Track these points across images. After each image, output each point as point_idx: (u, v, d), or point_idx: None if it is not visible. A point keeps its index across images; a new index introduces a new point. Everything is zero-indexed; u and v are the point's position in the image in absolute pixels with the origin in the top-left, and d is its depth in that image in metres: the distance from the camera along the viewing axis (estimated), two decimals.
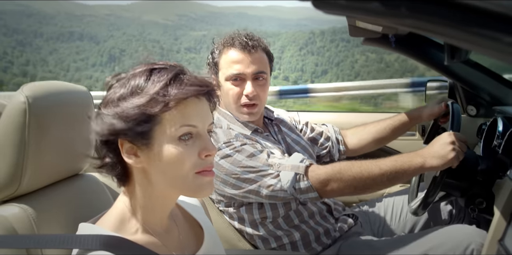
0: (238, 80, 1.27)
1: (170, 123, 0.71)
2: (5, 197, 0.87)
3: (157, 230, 0.78)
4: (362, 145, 1.58)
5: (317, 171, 1.16)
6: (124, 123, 0.70)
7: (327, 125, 1.63)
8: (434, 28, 0.45)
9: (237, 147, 1.21)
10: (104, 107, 0.74)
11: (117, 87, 0.74)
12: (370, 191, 1.19)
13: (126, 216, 0.76)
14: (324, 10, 0.45)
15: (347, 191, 1.17)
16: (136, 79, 0.73)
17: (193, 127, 0.73)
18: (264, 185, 1.18)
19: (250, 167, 1.19)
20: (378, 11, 0.43)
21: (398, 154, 1.16)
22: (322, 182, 1.15)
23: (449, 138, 1.11)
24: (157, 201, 0.77)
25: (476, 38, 0.44)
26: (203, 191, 0.76)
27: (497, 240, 1.01)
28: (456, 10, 0.41)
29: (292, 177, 1.16)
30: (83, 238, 0.70)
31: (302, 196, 1.17)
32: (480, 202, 1.19)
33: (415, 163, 1.11)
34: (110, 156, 0.74)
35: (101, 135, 0.72)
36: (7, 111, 0.84)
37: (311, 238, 1.32)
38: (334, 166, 1.16)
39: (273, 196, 1.18)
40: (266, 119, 1.45)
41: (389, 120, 1.55)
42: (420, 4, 0.42)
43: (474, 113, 1.81)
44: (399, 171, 1.12)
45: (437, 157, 1.10)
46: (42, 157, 0.88)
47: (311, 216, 1.34)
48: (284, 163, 1.18)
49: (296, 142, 1.44)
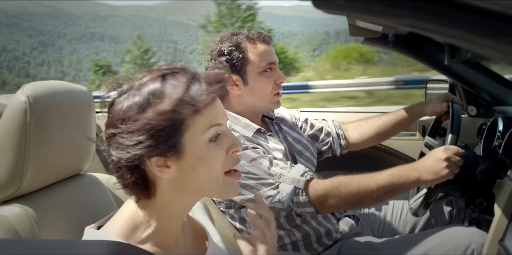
0: (270, 70, 1.30)
1: (199, 126, 0.67)
2: (6, 197, 0.87)
3: (167, 241, 0.73)
4: (364, 139, 1.57)
5: (316, 187, 1.17)
6: (153, 137, 0.64)
7: (327, 120, 1.62)
8: (434, 28, 0.45)
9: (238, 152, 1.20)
10: (115, 127, 0.66)
11: (124, 101, 0.67)
12: (366, 206, 1.21)
13: (138, 224, 0.71)
14: (324, 9, 0.45)
15: (344, 206, 1.19)
16: (149, 86, 0.66)
17: (219, 125, 0.70)
18: (264, 195, 1.18)
19: (252, 173, 1.18)
20: (378, 10, 0.43)
21: (395, 168, 1.16)
22: (320, 198, 1.16)
23: (444, 154, 1.11)
24: (178, 209, 0.74)
25: (476, 37, 0.44)
26: (231, 192, 0.75)
27: (498, 241, 1.01)
28: (456, 10, 0.41)
29: (291, 191, 1.16)
30: (90, 244, 0.66)
31: (299, 209, 1.18)
32: (481, 203, 1.19)
33: (411, 177, 1.12)
34: (134, 175, 0.68)
35: (127, 159, 0.65)
36: (8, 111, 0.84)
37: (312, 238, 1.32)
38: (333, 182, 1.17)
39: (271, 207, 1.19)
40: (267, 118, 1.45)
41: (391, 115, 1.55)
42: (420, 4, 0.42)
43: (474, 113, 1.81)
44: (396, 185, 1.13)
45: (431, 173, 1.11)
46: (43, 157, 0.88)
47: (313, 216, 1.34)
48: (285, 174, 1.18)
49: (297, 141, 1.44)
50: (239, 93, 1.30)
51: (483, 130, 1.56)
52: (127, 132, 0.65)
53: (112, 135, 0.66)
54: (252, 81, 1.29)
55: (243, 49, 1.28)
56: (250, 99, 1.32)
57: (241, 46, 1.28)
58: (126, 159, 0.65)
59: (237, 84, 1.29)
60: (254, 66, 1.28)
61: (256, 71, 1.29)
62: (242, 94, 1.30)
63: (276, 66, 1.32)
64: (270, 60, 1.30)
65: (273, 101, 1.34)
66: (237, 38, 1.29)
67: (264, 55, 1.29)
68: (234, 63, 1.27)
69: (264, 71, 1.29)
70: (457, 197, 1.27)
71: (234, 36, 1.30)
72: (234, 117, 1.32)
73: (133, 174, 0.68)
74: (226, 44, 1.28)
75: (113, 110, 0.68)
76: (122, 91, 0.69)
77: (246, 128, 1.30)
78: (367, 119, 1.59)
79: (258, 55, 1.28)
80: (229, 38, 1.30)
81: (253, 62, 1.28)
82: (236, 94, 1.31)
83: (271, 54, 1.31)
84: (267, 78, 1.30)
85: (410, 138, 1.95)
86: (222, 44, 1.29)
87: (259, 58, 1.28)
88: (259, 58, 1.28)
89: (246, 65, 1.28)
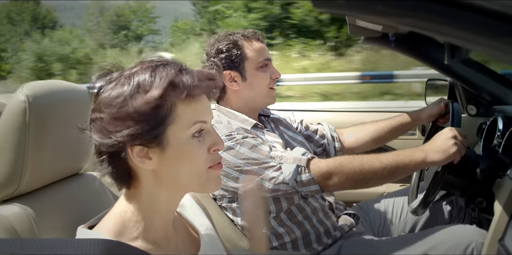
0: (266, 66, 1.36)
1: (184, 120, 0.68)
2: (5, 196, 0.87)
3: (158, 237, 0.74)
4: (359, 144, 1.59)
5: (319, 164, 1.18)
6: (137, 125, 0.65)
7: (322, 123, 1.64)
8: (435, 27, 0.45)
9: (238, 140, 1.22)
10: (100, 111, 0.67)
11: (113, 88, 0.67)
12: (370, 185, 1.20)
13: (127, 221, 0.71)
14: (324, 9, 0.45)
15: (348, 184, 1.18)
16: (139, 75, 0.67)
17: (204, 123, 0.71)
18: (267, 178, 1.19)
19: (253, 159, 1.20)
20: (379, 10, 0.43)
21: (400, 149, 1.16)
22: (324, 175, 1.16)
23: (451, 132, 1.12)
24: (163, 204, 0.74)
25: (476, 37, 0.44)
26: (213, 186, 0.75)
27: (497, 240, 1.01)
28: (457, 9, 0.41)
29: (294, 170, 1.17)
30: (82, 243, 0.65)
31: (303, 188, 1.18)
32: (480, 202, 1.19)
33: (417, 157, 1.12)
34: (116, 163, 0.68)
35: (108, 145, 0.66)
36: (7, 110, 0.84)
37: (311, 237, 1.32)
38: (335, 159, 1.18)
39: (276, 189, 1.19)
40: (263, 117, 1.47)
41: (389, 120, 1.56)
42: (421, 3, 0.42)
43: (474, 112, 1.81)
44: (400, 165, 1.12)
45: (439, 152, 1.10)
46: (42, 156, 0.88)
47: (314, 212, 1.34)
48: (286, 155, 1.20)
49: (293, 138, 1.45)
50: (237, 89, 1.34)
51: (483, 130, 1.56)
52: (112, 118, 0.65)
53: (97, 119, 0.67)
54: (250, 76, 1.34)
55: (240, 47, 1.33)
56: (248, 94, 1.36)
57: (238, 43, 1.33)
58: (107, 145, 0.66)
59: (236, 80, 1.34)
60: (251, 62, 1.34)
61: (254, 67, 1.34)
62: (240, 89, 1.35)
63: (271, 62, 1.38)
64: (266, 56, 1.36)
65: (269, 95, 1.39)
66: (233, 37, 1.34)
67: (260, 52, 1.35)
68: (232, 60, 1.32)
69: (261, 67, 1.35)
70: (457, 196, 1.27)
71: (230, 35, 1.35)
72: (232, 113, 1.35)
73: (113, 162, 0.68)
74: (223, 43, 1.33)
75: (100, 96, 0.68)
76: (111, 79, 0.69)
77: (244, 123, 1.33)
78: (364, 124, 1.60)
79: (255, 52, 1.34)
80: (225, 37, 1.35)
81: (251, 58, 1.33)
82: (235, 90, 1.35)
83: (266, 51, 1.38)
84: (264, 73, 1.35)
85: (410, 138, 1.96)
86: (219, 43, 1.34)
87: (256, 54, 1.34)
88: (256, 54, 1.34)
89: (244, 62, 1.33)
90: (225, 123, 1.32)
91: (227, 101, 1.37)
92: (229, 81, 1.33)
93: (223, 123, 1.32)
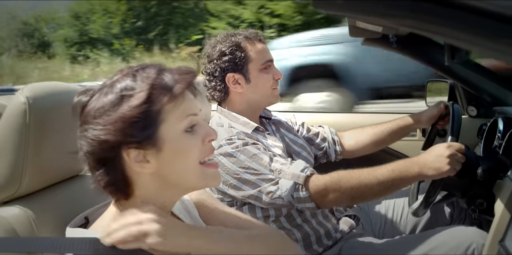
0: (269, 67, 1.36)
1: (174, 117, 0.69)
2: (5, 198, 0.87)
3: None
4: (359, 147, 1.59)
5: (316, 182, 1.17)
6: (129, 128, 0.65)
7: (324, 126, 1.63)
8: (435, 29, 0.45)
9: (239, 147, 1.21)
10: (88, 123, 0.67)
11: (97, 99, 0.68)
12: (367, 200, 1.22)
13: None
14: (325, 10, 0.45)
15: (344, 201, 1.20)
16: (121, 82, 0.68)
17: (194, 115, 0.72)
18: (264, 191, 1.18)
19: (252, 168, 1.19)
20: (379, 11, 0.43)
21: (395, 162, 1.16)
22: (320, 193, 1.16)
23: (447, 151, 1.12)
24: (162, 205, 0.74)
25: (476, 38, 0.44)
26: (212, 181, 0.75)
27: (498, 241, 1.01)
28: (456, 11, 0.41)
29: (291, 186, 1.16)
30: (76, 242, 0.66)
31: (299, 205, 1.18)
32: (481, 203, 1.19)
33: (412, 172, 1.13)
34: (112, 172, 0.68)
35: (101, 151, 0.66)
36: (8, 111, 0.84)
37: (312, 239, 1.32)
38: (333, 177, 1.17)
39: (272, 203, 1.19)
40: (264, 119, 1.46)
41: (388, 124, 1.56)
42: (420, 5, 0.42)
43: (474, 113, 1.80)
44: (396, 180, 1.13)
45: (432, 169, 1.11)
46: (42, 158, 0.88)
47: (313, 215, 1.34)
48: (285, 170, 1.19)
49: (294, 141, 1.45)
50: (241, 91, 1.33)
51: (483, 131, 1.56)
52: (102, 125, 0.66)
53: (86, 131, 0.67)
54: (254, 78, 1.33)
55: (244, 49, 1.32)
56: (253, 95, 1.35)
57: (241, 45, 1.32)
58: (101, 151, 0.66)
59: (239, 82, 1.32)
60: (255, 64, 1.33)
61: (258, 69, 1.33)
62: (244, 92, 1.34)
63: (273, 63, 1.38)
64: (268, 58, 1.35)
65: (273, 95, 1.39)
66: (235, 38, 1.32)
67: (263, 53, 1.34)
68: (236, 62, 1.31)
69: (264, 68, 1.34)
70: (458, 197, 1.26)
71: (231, 37, 1.33)
72: (233, 116, 1.34)
73: (110, 172, 0.68)
74: (226, 45, 1.31)
75: (85, 110, 0.69)
76: (94, 92, 0.70)
77: (245, 126, 1.32)
78: (364, 127, 1.60)
79: (258, 54, 1.33)
80: (227, 39, 1.33)
81: (254, 60, 1.32)
82: (238, 93, 1.34)
83: (268, 51, 1.38)
84: (267, 74, 1.35)
85: (410, 139, 1.95)
86: (221, 45, 1.32)
87: (259, 56, 1.33)
88: (259, 56, 1.33)
89: (248, 64, 1.32)
90: (226, 126, 1.31)
91: (229, 103, 1.36)
92: (233, 84, 1.32)
93: (224, 126, 1.31)
